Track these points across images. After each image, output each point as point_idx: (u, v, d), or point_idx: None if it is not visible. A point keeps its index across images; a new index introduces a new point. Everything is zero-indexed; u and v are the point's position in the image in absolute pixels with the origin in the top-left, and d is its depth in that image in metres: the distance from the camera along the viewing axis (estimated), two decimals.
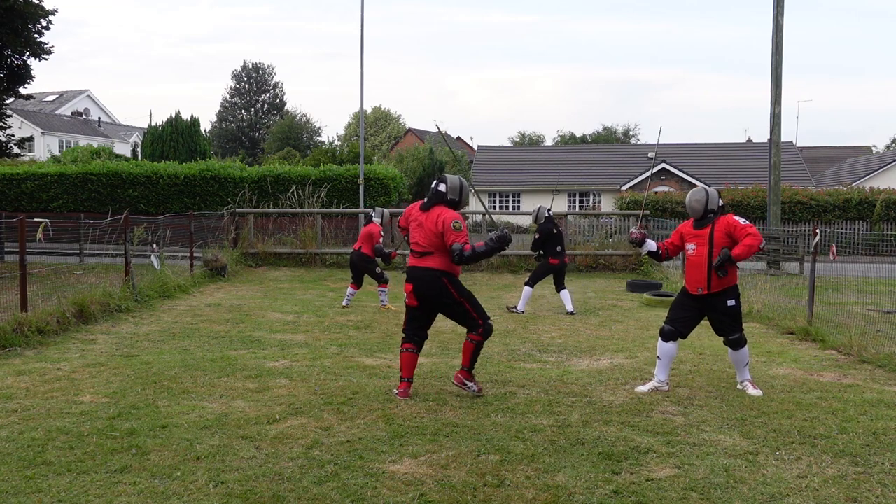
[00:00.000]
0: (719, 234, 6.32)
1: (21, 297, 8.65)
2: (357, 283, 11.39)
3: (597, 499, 4.16)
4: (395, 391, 6.19)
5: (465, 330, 6.30)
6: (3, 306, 8.69)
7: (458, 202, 6.15)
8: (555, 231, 11.06)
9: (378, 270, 11.31)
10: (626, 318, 10.63)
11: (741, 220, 6.37)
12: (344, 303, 11.42)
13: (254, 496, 4.13)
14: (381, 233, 11.34)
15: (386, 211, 11.80)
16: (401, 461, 4.68)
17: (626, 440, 5.11)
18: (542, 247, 11.06)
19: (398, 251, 11.84)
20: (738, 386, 6.54)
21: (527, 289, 11.15)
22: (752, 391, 6.38)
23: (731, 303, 6.41)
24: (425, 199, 6.21)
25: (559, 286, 11.19)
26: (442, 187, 6.12)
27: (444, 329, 8.93)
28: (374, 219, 11.44)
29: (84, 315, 9.39)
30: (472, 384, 6.20)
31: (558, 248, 11.04)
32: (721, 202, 6.52)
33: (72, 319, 9.07)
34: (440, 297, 6.04)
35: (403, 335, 6.27)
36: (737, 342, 6.43)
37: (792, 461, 4.77)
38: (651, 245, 6.82)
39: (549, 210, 11.22)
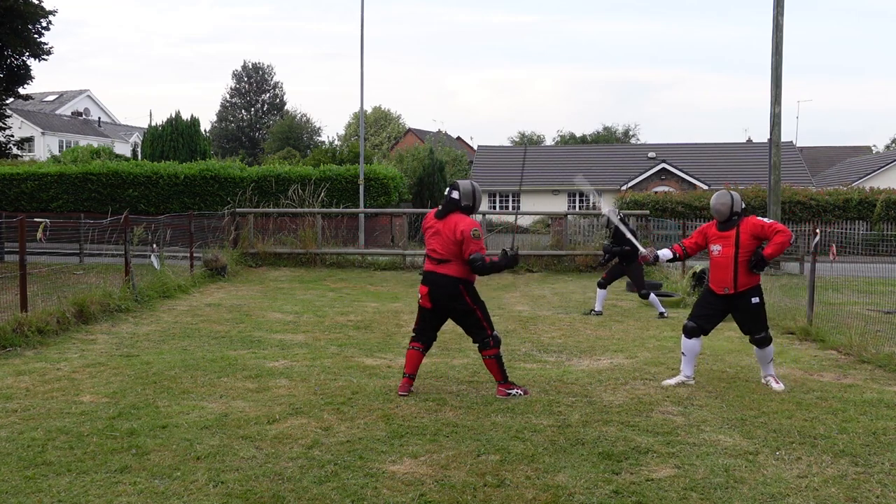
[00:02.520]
0: (745, 235, 6.49)
1: (21, 297, 8.65)
2: None
3: (597, 499, 4.16)
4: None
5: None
6: (3, 306, 8.69)
7: (472, 207, 6.15)
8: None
9: None
10: (626, 318, 10.63)
11: (766, 220, 6.56)
12: None
13: (254, 496, 4.13)
14: None
15: None
16: (401, 461, 4.68)
17: (626, 440, 5.12)
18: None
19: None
20: (762, 381, 6.72)
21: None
22: (776, 385, 6.57)
23: (755, 300, 6.58)
24: (439, 207, 6.21)
25: (641, 286, 10.94)
26: (455, 194, 6.12)
27: (445, 329, 8.83)
28: None
29: (84, 315, 9.39)
30: (515, 390, 6.20)
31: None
32: (744, 204, 6.71)
33: (72, 319, 9.07)
34: (454, 302, 6.10)
35: (413, 334, 6.36)
36: (763, 341, 6.60)
37: (792, 461, 4.77)
38: (666, 254, 6.94)
39: (620, 211, 11.02)
